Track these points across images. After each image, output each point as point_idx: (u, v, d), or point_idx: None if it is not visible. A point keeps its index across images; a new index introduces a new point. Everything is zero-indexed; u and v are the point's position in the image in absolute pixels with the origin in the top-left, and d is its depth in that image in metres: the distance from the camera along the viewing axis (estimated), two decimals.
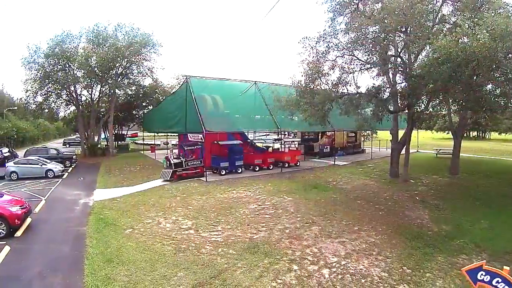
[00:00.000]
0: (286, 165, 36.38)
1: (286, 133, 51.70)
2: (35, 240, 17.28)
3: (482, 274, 9.85)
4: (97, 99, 58.38)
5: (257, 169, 34.54)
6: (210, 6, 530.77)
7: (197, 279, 13.01)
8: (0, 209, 17.70)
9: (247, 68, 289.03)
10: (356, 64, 26.34)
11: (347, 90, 27.17)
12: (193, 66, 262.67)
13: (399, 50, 25.86)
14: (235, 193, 25.45)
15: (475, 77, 21.18)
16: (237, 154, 33.98)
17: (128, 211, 21.99)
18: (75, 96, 55.21)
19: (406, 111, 28.35)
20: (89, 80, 53.38)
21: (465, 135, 55.53)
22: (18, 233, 17.90)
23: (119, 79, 53.93)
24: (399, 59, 26.16)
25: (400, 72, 26.43)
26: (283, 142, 40.92)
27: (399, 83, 27.58)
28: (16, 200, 19.74)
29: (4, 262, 14.45)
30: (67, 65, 50.97)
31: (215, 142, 33.49)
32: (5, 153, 47.69)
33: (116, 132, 66.13)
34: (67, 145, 75.28)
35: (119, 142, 66.01)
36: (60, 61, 49.77)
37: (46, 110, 59.73)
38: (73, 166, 43.64)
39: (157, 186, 28.56)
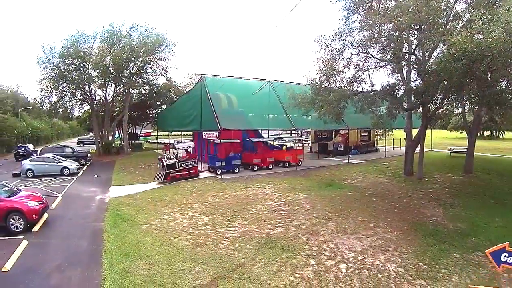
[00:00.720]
0: (287, 165, 35.80)
1: (299, 132, 51.63)
2: (52, 235, 17.57)
3: (505, 256, 9.90)
4: (111, 99, 58.80)
5: (256, 168, 33.97)
6: (224, 5, 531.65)
7: (216, 273, 13.19)
8: (18, 204, 18.11)
9: (261, 67, 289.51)
10: (371, 62, 26.38)
11: (362, 88, 27.21)
12: (207, 65, 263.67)
13: (413, 47, 25.82)
14: (250, 190, 25.59)
15: (489, 73, 21.17)
16: (236, 154, 33.83)
17: (145, 207, 22.28)
18: (89, 95, 55.67)
19: (421, 108, 28.32)
20: (103, 80, 53.78)
21: (478, 134, 55.21)
22: (36, 228, 18.23)
23: (134, 78, 54.33)
24: (413, 57, 26.12)
25: (415, 69, 26.40)
26: (290, 141, 40.48)
27: (413, 81, 27.53)
28: (34, 195, 20.15)
29: (22, 256, 14.71)
30: (82, 65, 51.40)
31: (212, 140, 33.64)
32: (31, 150, 51.29)
33: (129, 131, 66.49)
34: (81, 144, 75.79)
35: (133, 141, 66.43)
36: (75, 60, 50.27)
37: (61, 110, 60.20)
38: (88, 164, 44.22)
39: (173, 183, 28.74)
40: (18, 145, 58.04)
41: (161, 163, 30.00)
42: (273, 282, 12.59)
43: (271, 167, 34.82)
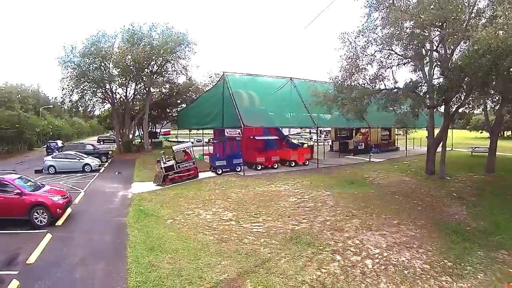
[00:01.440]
0: (293, 164, 34.91)
1: (320, 130, 51.68)
2: (76, 229, 17.68)
3: None
4: (132, 97, 59.25)
5: (259, 168, 33.10)
6: (244, 4, 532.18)
7: (242, 267, 13.27)
8: (42, 198, 18.24)
9: (281, 65, 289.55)
10: (394, 59, 26.40)
11: (385, 85, 27.19)
12: (226, 64, 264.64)
13: (435, 44, 25.75)
14: (273, 187, 25.68)
15: None
16: (237, 153, 33.07)
17: (168, 202, 22.37)
18: (110, 94, 56.10)
19: (443, 106, 28.19)
20: (124, 79, 54.17)
21: (499, 134, 54.77)
22: (59, 222, 18.31)
23: (154, 77, 54.72)
24: (436, 54, 26.04)
25: (438, 66, 26.28)
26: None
27: (436, 78, 27.44)
28: (58, 190, 20.35)
29: (46, 249, 14.79)
30: (103, 64, 51.82)
31: (214, 141, 33.23)
32: (59, 145, 52.61)
33: (149, 130, 66.90)
34: (101, 142, 76.40)
35: (153, 139, 66.87)
36: (96, 60, 50.65)
37: (81, 108, 60.88)
38: (109, 162, 44.53)
39: (195, 180, 29.01)
40: (49, 141, 59.68)
41: (159, 165, 29.53)
42: (300, 277, 12.67)
43: (276, 166, 33.94)
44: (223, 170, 31.36)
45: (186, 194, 24.41)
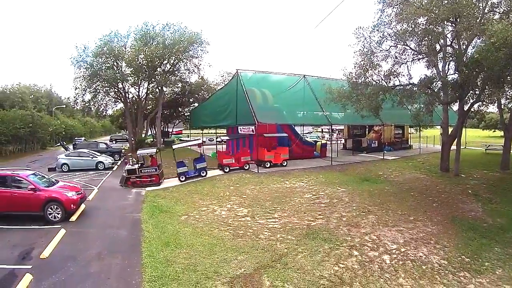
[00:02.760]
0: (268, 165, 32.49)
1: (332, 128, 51.59)
2: (90, 224, 17.77)
3: None
4: (144, 96, 59.49)
5: (227, 170, 31.08)
6: (255, 2, 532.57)
7: (259, 262, 13.26)
8: (57, 194, 18.29)
9: (293, 63, 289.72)
10: (408, 54, 26.33)
11: (399, 81, 27.13)
12: (237, 63, 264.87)
13: (450, 39, 25.63)
14: (288, 184, 25.69)
15: None
16: (200, 157, 31.08)
17: (182, 199, 22.46)
18: (123, 93, 56.37)
19: (457, 103, 28.04)
20: (136, 78, 54.37)
21: None
22: (73, 218, 18.37)
23: (167, 76, 54.85)
24: (450, 49, 25.89)
25: (454, 60, 26.10)
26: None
27: (450, 74, 27.28)
28: (72, 186, 20.44)
29: (60, 244, 14.82)
30: (116, 63, 52.03)
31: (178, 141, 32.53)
32: (81, 142, 55.04)
33: (161, 129, 67.20)
34: (114, 142, 76.82)
35: (165, 138, 67.16)
36: (109, 59, 50.86)
37: (93, 108, 61.15)
38: (122, 160, 44.63)
39: (209, 177, 28.97)
40: (75, 138, 60.81)
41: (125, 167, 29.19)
42: (317, 272, 12.64)
43: (247, 167, 32.09)
44: (187, 176, 29.39)
45: (200, 190, 24.53)
